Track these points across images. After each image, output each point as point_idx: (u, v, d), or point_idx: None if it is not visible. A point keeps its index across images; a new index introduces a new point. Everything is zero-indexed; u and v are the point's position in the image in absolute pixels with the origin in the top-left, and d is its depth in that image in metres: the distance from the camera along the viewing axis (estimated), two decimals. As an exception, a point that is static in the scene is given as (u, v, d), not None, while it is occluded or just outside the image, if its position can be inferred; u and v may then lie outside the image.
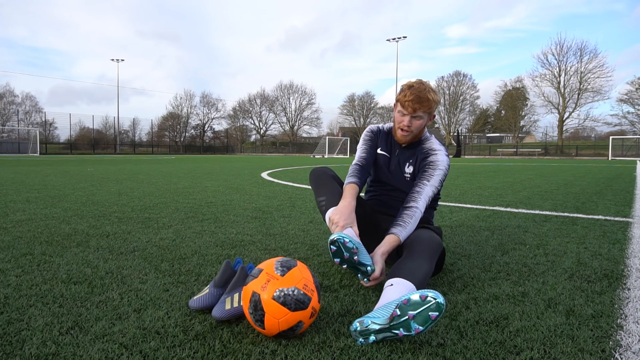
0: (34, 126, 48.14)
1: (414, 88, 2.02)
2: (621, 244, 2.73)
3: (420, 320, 1.28)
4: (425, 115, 2.07)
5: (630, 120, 45.90)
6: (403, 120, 2.08)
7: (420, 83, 2.05)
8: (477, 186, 6.79)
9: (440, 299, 1.28)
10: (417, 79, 2.11)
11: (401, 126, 2.10)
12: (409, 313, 1.28)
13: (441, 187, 2.13)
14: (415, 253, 1.73)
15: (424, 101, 2.01)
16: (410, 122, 2.07)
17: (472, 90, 59.87)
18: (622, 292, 1.81)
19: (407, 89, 2.04)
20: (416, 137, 2.16)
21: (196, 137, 64.75)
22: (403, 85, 2.10)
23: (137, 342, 1.31)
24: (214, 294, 1.58)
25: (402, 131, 2.11)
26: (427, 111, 2.05)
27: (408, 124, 2.07)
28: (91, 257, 2.28)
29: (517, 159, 32.37)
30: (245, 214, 3.78)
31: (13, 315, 1.51)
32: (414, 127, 2.08)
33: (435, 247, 1.79)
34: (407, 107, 2.03)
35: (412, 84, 2.05)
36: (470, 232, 3.08)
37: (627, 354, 1.28)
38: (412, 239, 1.87)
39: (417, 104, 2.01)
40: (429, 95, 2.01)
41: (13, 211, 3.81)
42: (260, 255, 2.38)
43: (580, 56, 46.65)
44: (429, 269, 1.68)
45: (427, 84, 2.06)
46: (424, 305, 1.28)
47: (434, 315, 1.27)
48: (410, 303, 1.30)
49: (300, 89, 65.04)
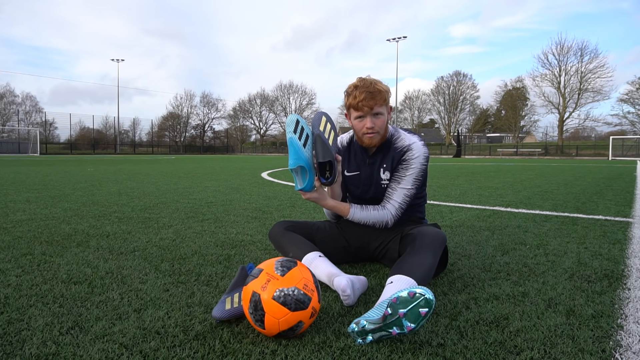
0: (34, 126, 48.18)
1: (361, 86, 1.88)
2: (621, 244, 2.72)
3: (411, 318, 1.28)
4: (384, 109, 1.93)
5: (630, 120, 45.90)
6: (365, 124, 1.92)
7: (363, 79, 1.91)
8: (477, 186, 6.79)
9: (429, 294, 1.28)
10: (357, 77, 1.95)
11: (364, 130, 1.94)
12: (400, 311, 1.28)
13: (421, 182, 2.03)
14: (418, 248, 1.73)
15: (377, 94, 1.86)
16: (372, 122, 1.91)
17: (472, 90, 59.90)
18: (622, 292, 1.81)
19: (354, 90, 1.89)
20: (383, 136, 2.00)
21: (196, 137, 64.76)
22: (347, 89, 1.94)
23: (137, 342, 1.31)
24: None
25: (368, 135, 1.95)
26: (383, 104, 1.90)
27: (370, 125, 1.91)
28: (91, 257, 2.28)
29: (517, 159, 32.37)
30: (246, 214, 3.78)
31: (13, 315, 1.51)
32: (378, 126, 1.93)
33: (439, 241, 1.78)
34: (363, 108, 1.88)
35: (356, 83, 1.91)
36: (471, 232, 3.08)
37: (627, 354, 1.28)
38: (415, 234, 1.85)
39: (371, 101, 1.86)
40: (378, 87, 1.88)
41: (13, 211, 3.81)
42: (260, 255, 2.37)
43: (581, 56, 46.66)
44: (433, 263, 1.68)
45: (370, 78, 1.93)
46: (413, 302, 1.28)
47: (423, 312, 1.27)
48: (399, 301, 1.30)
49: (300, 89, 65.11)
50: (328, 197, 1.98)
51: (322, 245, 2.07)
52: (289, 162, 1.77)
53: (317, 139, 1.81)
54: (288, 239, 2.01)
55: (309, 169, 1.79)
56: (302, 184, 1.82)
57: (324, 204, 1.98)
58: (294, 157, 1.75)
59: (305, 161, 1.76)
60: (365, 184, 2.09)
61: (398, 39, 47.37)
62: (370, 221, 2.00)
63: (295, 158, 1.74)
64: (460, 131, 58.71)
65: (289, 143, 1.77)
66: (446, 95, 59.90)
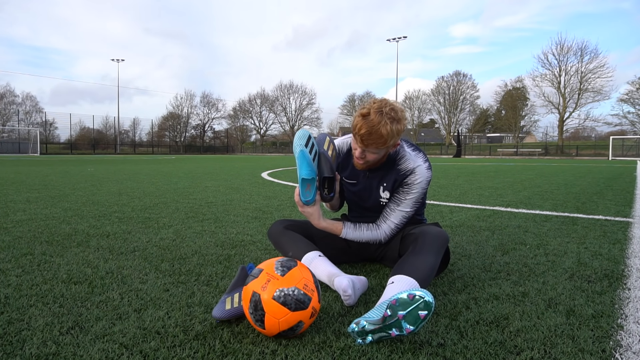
0: (34, 126, 48.18)
1: (368, 120, 1.67)
2: (621, 244, 2.72)
3: (410, 320, 1.28)
4: (382, 151, 1.78)
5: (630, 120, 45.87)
6: (356, 149, 1.82)
7: (378, 113, 1.67)
8: (478, 186, 6.79)
9: (428, 297, 1.28)
10: (381, 99, 1.74)
11: (356, 154, 1.85)
12: (399, 313, 1.28)
13: (420, 203, 2.00)
14: (420, 247, 1.72)
15: (376, 138, 1.68)
16: (363, 154, 1.80)
17: (472, 90, 59.88)
18: (622, 292, 1.81)
19: (360, 120, 1.70)
20: (377, 163, 1.90)
21: (196, 137, 64.75)
22: (358, 111, 1.73)
23: (137, 342, 1.31)
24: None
25: (358, 160, 1.86)
26: (380, 147, 1.73)
27: (360, 155, 1.81)
28: (91, 257, 2.28)
29: (517, 159, 32.37)
30: (246, 214, 3.78)
31: (13, 315, 1.51)
32: (370, 160, 1.83)
33: (441, 240, 1.78)
34: (358, 141, 1.75)
35: (368, 111, 1.68)
36: (471, 232, 3.08)
37: (627, 354, 1.28)
38: (417, 233, 1.84)
39: (367, 140, 1.70)
40: (383, 130, 1.66)
41: (13, 211, 3.81)
42: (260, 255, 2.37)
43: (581, 56, 46.64)
44: (435, 263, 1.67)
45: (387, 111, 1.67)
46: (413, 304, 1.28)
47: (423, 314, 1.27)
48: (399, 303, 1.30)
49: (300, 89, 65.09)
50: (322, 218, 1.96)
51: (322, 245, 2.06)
52: (301, 172, 1.78)
53: (322, 156, 1.85)
54: (287, 238, 2.01)
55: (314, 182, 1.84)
56: (309, 196, 1.84)
57: (317, 223, 1.94)
58: (308, 168, 1.78)
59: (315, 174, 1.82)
60: (362, 195, 2.04)
61: (398, 39, 47.38)
62: (363, 240, 2.01)
63: (310, 170, 1.78)
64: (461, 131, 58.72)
65: (300, 155, 1.78)
66: (446, 95, 59.88)
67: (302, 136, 1.81)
